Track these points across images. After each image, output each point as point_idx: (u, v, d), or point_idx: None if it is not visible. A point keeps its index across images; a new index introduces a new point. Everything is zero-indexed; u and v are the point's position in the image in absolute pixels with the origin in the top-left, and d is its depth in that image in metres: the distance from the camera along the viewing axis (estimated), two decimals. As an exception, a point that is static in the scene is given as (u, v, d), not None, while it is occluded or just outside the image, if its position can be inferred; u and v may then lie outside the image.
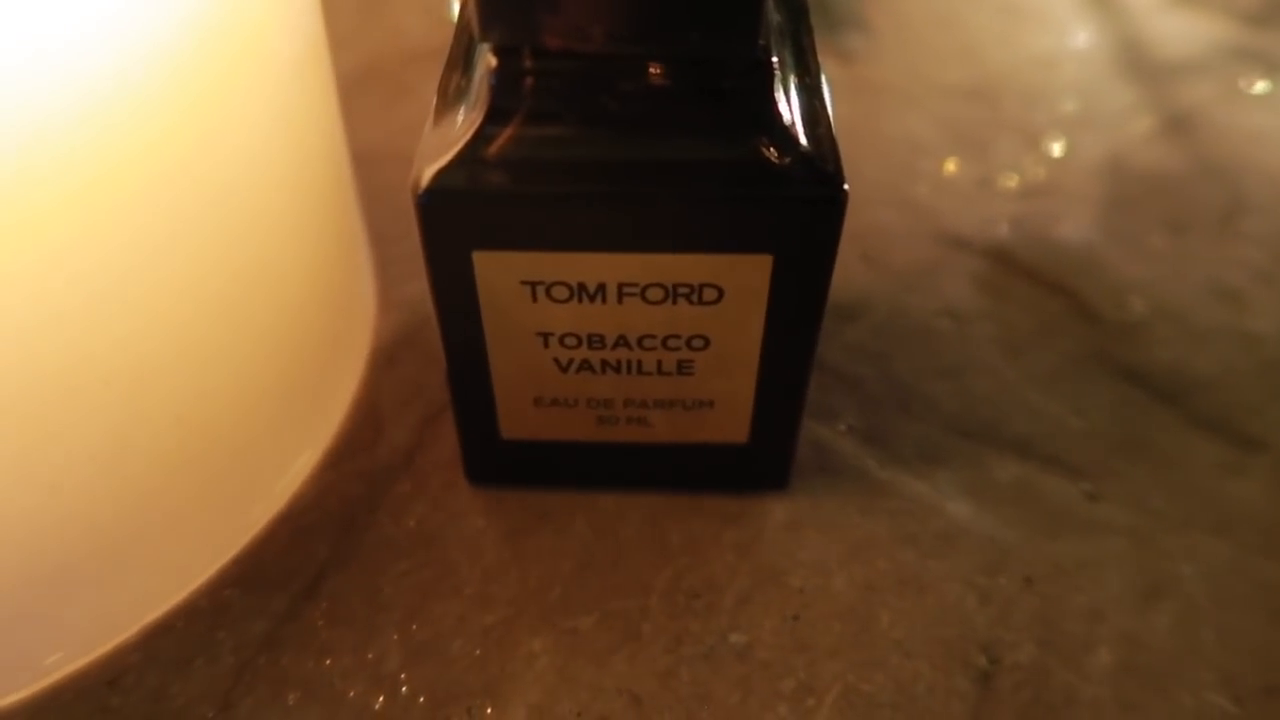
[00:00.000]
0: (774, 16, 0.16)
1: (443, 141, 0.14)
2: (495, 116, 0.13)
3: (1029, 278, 0.23)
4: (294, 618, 0.16)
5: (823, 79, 0.15)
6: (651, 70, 0.13)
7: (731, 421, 0.16)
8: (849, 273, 0.23)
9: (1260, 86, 0.29)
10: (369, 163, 0.21)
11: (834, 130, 0.14)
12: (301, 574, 0.17)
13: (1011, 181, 0.26)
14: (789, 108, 0.14)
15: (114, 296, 0.13)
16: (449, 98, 0.15)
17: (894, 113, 0.28)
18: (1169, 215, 0.25)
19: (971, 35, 0.31)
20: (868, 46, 0.31)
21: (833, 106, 0.15)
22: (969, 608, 0.17)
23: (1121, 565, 0.17)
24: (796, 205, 0.14)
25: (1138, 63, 0.30)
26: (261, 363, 0.16)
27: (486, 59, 0.13)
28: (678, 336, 0.15)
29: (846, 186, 0.13)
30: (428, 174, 0.13)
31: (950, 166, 0.26)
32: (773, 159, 0.13)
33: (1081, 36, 0.31)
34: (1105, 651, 0.16)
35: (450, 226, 0.14)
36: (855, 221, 0.24)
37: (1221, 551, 0.18)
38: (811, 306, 0.15)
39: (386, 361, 0.20)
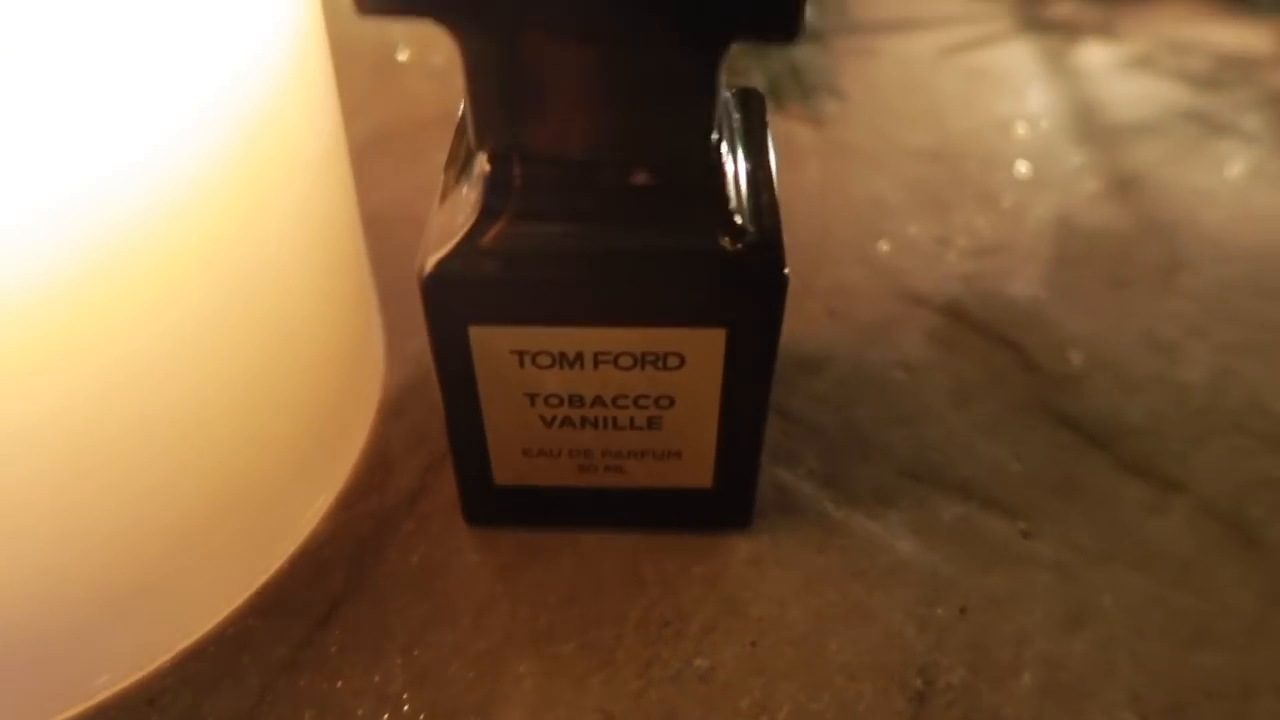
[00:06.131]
0: (734, 115, 0.18)
1: (444, 232, 0.16)
2: (489, 213, 0.16)
3: (979, 331, 0.25)
4: (310, 644, 0.18)
5: (773, 168, 0.17)
6: (622, 173, 0.15)
7: (697, 469, 0.19)
8: (815, 327, 0.25)
9: (1206, 148, 0.31)
10: (380, 224, 0.23)
11: (779, 218, 0.16)
12: (317, 605, 0.19)
13: (967, 241, 0.28)
14: (740, 202, 0.16)
15: (161, 369, 0.15)
16: (450, 188, 0.17)
17: (862, 174, 0.30)
18: (1111, 271, 0.27)
19: (937, 99, 0.34)
20: (840, 111, 0.33)
21: (778, 182, 0.17)
22: (908, 635, 0.19)
23: (1048, 596, 0.19)
24: (746, 288, 0.16)
25: (1090, 125, 0.32)
26: (284, 419, 0.19)
27: (481, 162, 0.16)
28: (647, 397, 0.17)
29: (787, 271, 0.16)
30: (431, 261, 0.16)
31: (912, 227, 0.28)
32: (725, 248, 0.16)
33: (1039, 101, 0.33)
34: (1028, 674, 0.18)
35: (450, 305, 0.16)
36: (823, 279, 0.27)
37: (1140, 584, 0.20)
38: (762, 370, 0.17)
39: (394, 412, 0.23)
